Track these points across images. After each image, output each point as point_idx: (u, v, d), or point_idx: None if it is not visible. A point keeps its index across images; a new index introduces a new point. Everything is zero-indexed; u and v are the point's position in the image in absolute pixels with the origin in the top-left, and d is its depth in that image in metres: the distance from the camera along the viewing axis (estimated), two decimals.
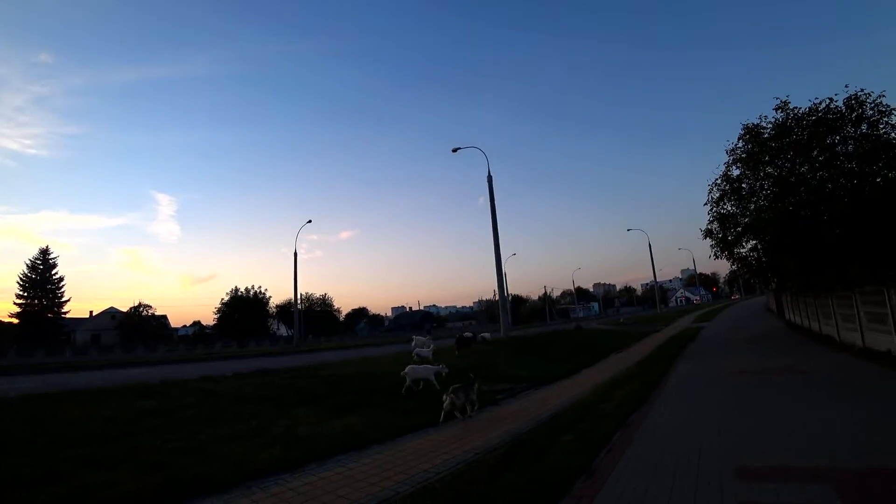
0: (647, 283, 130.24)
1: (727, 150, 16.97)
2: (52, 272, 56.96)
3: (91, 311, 65.40)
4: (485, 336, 22.25)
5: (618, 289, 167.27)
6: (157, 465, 5.23)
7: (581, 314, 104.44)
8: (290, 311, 60.46)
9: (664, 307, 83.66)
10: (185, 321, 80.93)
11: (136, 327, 60.51)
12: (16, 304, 54.55)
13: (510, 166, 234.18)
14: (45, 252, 57.22)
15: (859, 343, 11.57)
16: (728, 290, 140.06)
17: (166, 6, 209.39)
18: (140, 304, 64.32)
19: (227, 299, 67.04)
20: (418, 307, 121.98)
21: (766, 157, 15.62)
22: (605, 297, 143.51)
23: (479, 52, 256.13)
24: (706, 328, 26.00)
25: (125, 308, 64.42)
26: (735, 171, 16.78)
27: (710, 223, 17.26)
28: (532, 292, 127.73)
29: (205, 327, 73.27)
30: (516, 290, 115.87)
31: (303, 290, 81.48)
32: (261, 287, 69.57)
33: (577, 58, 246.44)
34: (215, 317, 67.97)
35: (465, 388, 7.41)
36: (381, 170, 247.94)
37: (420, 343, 16.77)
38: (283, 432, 6.65)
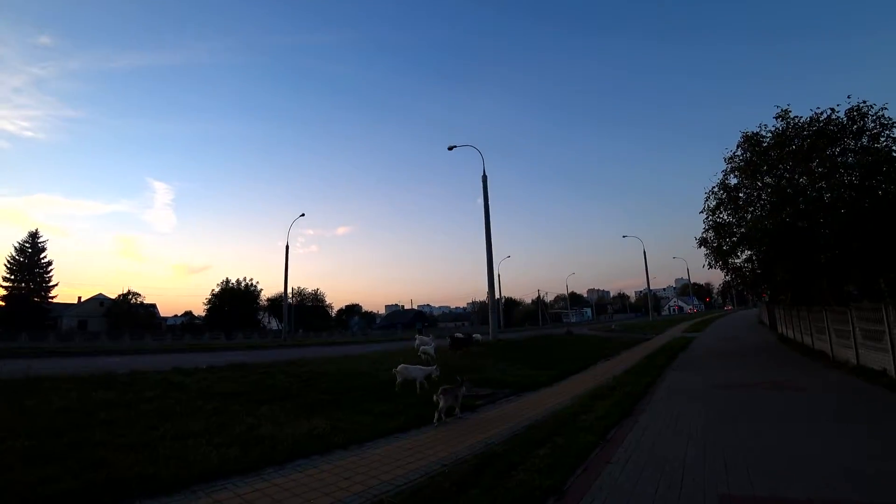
0: (641, 291, 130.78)
1: (725, 157, 16.74)
2: (41, 256, 56.18)
3: (79, 297, 64.67)
4: (476, 337, 21.92)
5: (611, 295, 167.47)
6: (101, 462, 4.87)
7: (574, 319, 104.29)
8: (280, 304, 59.95)
9: (657, 315, 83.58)
10: (178, 311, 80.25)
11: (123, 315, 59.75)
12: (2, 286, 53.82)
13: (509, 166, 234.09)
14: (34, 235, 56.45)
15: (853, 360, 11.27)
16: (721, 301, 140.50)
17: None
18: (129, 292, 63.48)
19: (217, 290, 66.52)
20: (411, 306, 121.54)
21: (765, 167, 15.38)
22: (599, 302, 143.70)
23: (479, 45, 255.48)
24: (697, 338, 25.73)
25: (114, 295, 63.73)
26: (733, 180, 16.54)
27: (705, 231, 16.98)
28: (526, 295, 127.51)
29: (195, 318, 72.55)
30: (511, 293, 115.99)
31: (297, 285, 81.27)
32: (252, 279, 69.16)
33: (577, 53, 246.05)
34: (205, 308, 67.43)
35: (453, 389, 7.38)
36: (380, 167, 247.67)
37: (423, 342, 16.90)
38: (245, 431, 6.27)
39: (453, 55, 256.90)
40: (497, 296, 34.81)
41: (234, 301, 65.04)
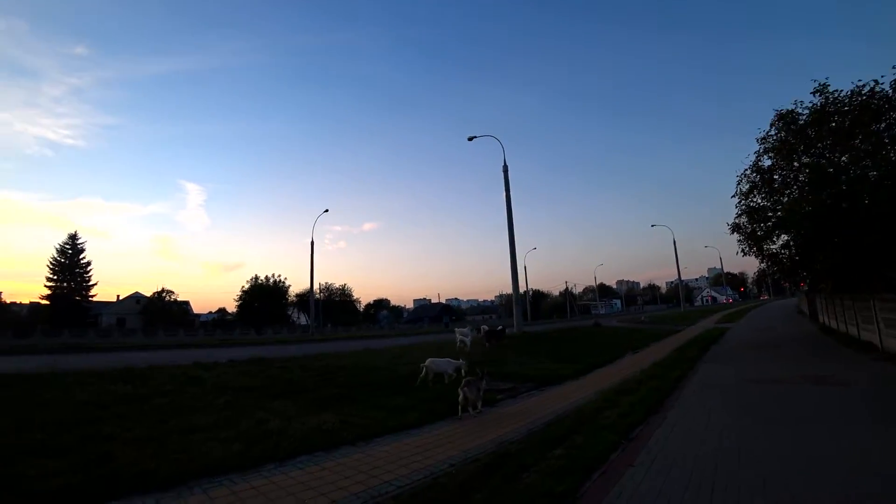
0: (672, 281, 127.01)
1: (758, 138, 15.79)
2: (80, 256, 58.39)
3: (118, 296, 67.18)
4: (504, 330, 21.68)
5: (641, 286, 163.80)
6: (106, 456, 4.82)
7: (603, 311, 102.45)
8: (308, 300, 60.84)
9: (689, 306, 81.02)
10: (212, 307, 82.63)
11: (158, 312, 61.71)
12: (46, 286, 56.30)
13: (531, 156, 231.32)
14: (73, 237, 58.69)
15: None
16: (756, 291, 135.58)
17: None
18: (163, 290, 65.55)
19: (247, 287, 67.92)
20: (439, 300, 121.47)
21: (802, 147, 14.41)
22: (628, 294, 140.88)
23: (496, 35, 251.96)
24: (732, 329, 24.60)
25: (150, 293, 65.90)
26: (766, 162, 15.61)
27: (737, 217, 16.14)
28: (554, 287, 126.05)
29: (228, 314, 74.38)
30: (538, 285, 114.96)
31: (324, 280, 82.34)
32: (280, 275, 70.26)
33: (603, 43, 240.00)
34: (236, 304, 69.01)
35: (475, 381, 7.28)
36: (405, 163, 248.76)
37: (463, 333, 17.67)
38: (253, 426, 6.14)
39: (472, 47, 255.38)
40: (523, 288, 34.31)
41: (264, 297, 66.23)
